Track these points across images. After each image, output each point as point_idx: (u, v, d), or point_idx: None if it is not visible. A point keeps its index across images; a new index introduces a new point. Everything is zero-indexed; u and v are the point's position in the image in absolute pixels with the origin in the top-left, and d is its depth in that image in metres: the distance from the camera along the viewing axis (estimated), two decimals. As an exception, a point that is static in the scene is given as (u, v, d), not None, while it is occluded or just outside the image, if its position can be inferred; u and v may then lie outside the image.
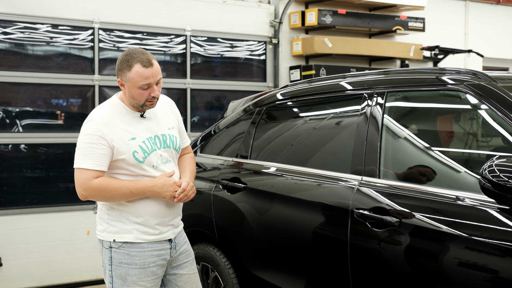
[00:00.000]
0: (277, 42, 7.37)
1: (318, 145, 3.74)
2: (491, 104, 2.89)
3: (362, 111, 3.39)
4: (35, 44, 6.13)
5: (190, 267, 3.45)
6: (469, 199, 2.80)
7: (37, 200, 6.18)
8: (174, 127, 3.40)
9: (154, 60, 3.17)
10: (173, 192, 3.22)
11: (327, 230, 3.33)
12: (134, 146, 3.18)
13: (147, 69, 3.11)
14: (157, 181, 3.21)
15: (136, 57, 3.12)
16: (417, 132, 3.41)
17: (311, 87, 3.89)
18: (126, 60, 3.13)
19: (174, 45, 6.81)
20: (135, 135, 3.21)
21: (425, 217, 2.89)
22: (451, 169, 3.19)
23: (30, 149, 6.17)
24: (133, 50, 3.17)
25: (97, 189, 3.14)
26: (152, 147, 3.23)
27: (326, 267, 3.30)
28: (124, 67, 3.13)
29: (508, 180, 2.54)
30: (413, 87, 3.28)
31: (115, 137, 3.15)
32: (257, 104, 4.22)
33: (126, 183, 3.17)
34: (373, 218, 3.07)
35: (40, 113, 6.24)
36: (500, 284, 2.61)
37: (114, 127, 3.17)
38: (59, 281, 6.24)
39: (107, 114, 3.20)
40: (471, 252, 2.71)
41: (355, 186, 3.23)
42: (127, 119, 3.23)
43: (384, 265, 3.03)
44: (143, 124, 3.27)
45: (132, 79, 3.12)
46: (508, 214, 2.63)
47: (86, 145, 3.16)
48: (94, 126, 3.15)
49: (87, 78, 6.34)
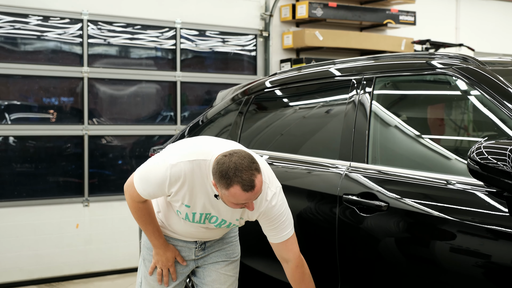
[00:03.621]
0: (268, 35, 7.34)
1: (307, 133, 3.71)
2: (480, 87, 2.87)
3: (351, 98, 3.37)
4: (24, 36, 6.08)
5: (226, 267, 3.26)
6: (458, 183, 2.78)
7: (26, 193, 6.14)
8: (244, 218, 3.05)
9: (257, 179, 2.70)
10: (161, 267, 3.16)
11: (316, 216, 3.31)
12: (182, 209, 2.96)
13: (248, 194, 2.69)
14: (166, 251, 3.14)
15: (238, 177, 2.66)
16: (405, 118, 3.38)
17: (300, 74, 3.86)
18: (226, 176, 2.68)
19: (164, 38, 6.77)
20: (193, 205, 2.93)
21: (414, 202, 2.86)
22: (440, 155, 3.17)
23: (19, 142, 6.13)
24: (239, 162, 2.69)
25: (133, 210, 3.07)
26: (197, 220, 3.00)
27: (314, 254, 3.27)
28: (222, 182, 2.70)
29: (497, 162, 2.52)
30: (402, 72, 3.26)
31: (176, 194, 2.90)
32: (245, 92, 4.18)
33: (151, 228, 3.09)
34: (361, 203, 3.04)
35: (29, 106, 6.19)
36: (492, 269, 2.59)
37: (183, 190, 2.87)
38: (48, 274, 6.21)
39: (187, 176, 2.83)
40: (461, 237, 2.68)
41: (343, 172, 3.21)
42: (201, 189, 2.88)
43: (372, 251, 3.00)
44: (212, 202, 2.92)
45: (227, 197, 2.74)
46: (497, 197, 2.60)
47: (150, 177, 2.90)
48: (167, 177, 2.84)
49: (76, 70, 6.30)
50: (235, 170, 2.68)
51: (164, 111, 6.86)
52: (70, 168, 6.37)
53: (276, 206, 2.94)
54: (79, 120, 6.35)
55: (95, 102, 6.46)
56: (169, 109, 6.87)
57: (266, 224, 2.99)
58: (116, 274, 6.50)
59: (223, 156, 2.74)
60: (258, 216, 2.98)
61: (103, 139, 6.55)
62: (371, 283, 3.05)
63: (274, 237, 3.01)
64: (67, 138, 6.35)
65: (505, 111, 2.74)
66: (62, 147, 6.33)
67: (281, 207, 2.96)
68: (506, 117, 2.74)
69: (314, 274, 3.13)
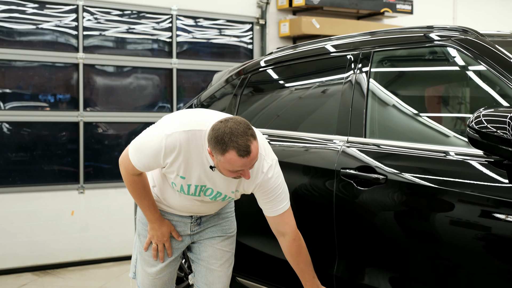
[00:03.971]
0: (264, 23, 7.30)
1: (305, 110, 3.68)
2: (481, 59, 2.82)
3: (348, 74, 3.33)
4: (19, 22, 6.03)
5: (222, 243, 3.22)
6: (458, 154, 2.75)
7: (21, 180, 6.09)
8: (240, 191, 3.00)
9: (253, 145, 2.65)
10: (157, 242, 3.13)
11: (314, 192, 3.27)
12: (177, 181, 2.92)
13: (244, 159, 2.65)
14: (161, 226, 3.11)
15: (233, 142, 2.62)
16: (403, 92, 3.35)
17: (296, 52, 3.82)
18: (221, 141, 2.63)
19: (161, 29, 6.72)
20: (188, 176, 2.89)
21: (412, 174, 2.83)
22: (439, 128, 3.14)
23: (14, 128, 6.08)
24: (234, 127, 2.65)
25: (128, 183, 3.02)
26: (192, 192, 2.96)
27: (311, 230, 3.24)
28: (218, 148, 2.65)
29: (496, 130, 2.48)
30: (399, 45, 3.22)
31: (172, 165, 2.85)
32: (239, 73, 4.14)
33: (147, 202, 3.05)
34: (359, 177, 3.01)
35: (24, 94, 6.14)
36: (492, 241, 2.56)
37: (178, 160, 2.82)
38: (43, 261, 6.16)
39: (183, 146, 2.78)
40: (461, 208, 2.64)
41: (341, 146, 3.17)
42: (197, 160, 2.85)
43: (371, 224, 2.97)
44: (207, 174, 2.88)
45: (222, 163, 2.69)
46: (497, 167, 2.57)
47: (145, 148, 2.85)
48: (163, 148, 2.79)
49: (72, 56, 6.25)
50: (231, 135, 2.63)
51: (160, 99, 6.81)
52: (65, 155, 6.33)
53: (273, 179, 2.90)
54: (74, 107, 6.31)
55: (90, 89, 6.41)
56: (165, 98, 6.83)
57: (262, 197, 2.95)
58: (112, 261, 6.46)
59: (219, 122, 2.70)
60: (254, 189, 2.94)
61: (99, 128, 6.51)
62: (368, 257, 3.02)
63: (270, 210, 2.97)
64: (63, 125, 6.30)
65: (507, 82, 2.69)
66: (57, 135, 6.28)
67: (277, 180, 2.93)
68: (509, 89, 2.69)
69: (311, 250, 3.09)
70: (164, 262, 3.18)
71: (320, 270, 3.14)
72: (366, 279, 2.99)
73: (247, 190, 2.97)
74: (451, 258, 2.69)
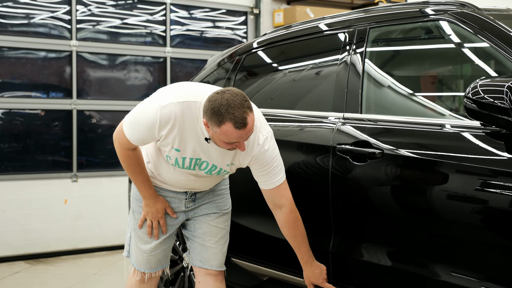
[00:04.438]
0: (259, 13, 7.28)
1: (301, 90, 3.65)
2: (479, 32, 2.79)
3: (343, 52, 3.30)
4: (11, 12, 5.99)
5: (218, 219, 3.20)
6: (454, 126, 2.73)
7: (13, 168, 6.05)
8: (235, 164, 2.98)
9: (249, 117, 2.63)
10: (151, 219, 3.10)
11: (310, 169, 3.24)
12: (172, 154, 2.89)
13: (240, 131, 2.62)
14: (156, 202, 3.08)
15: (230, 113, 2.59)
16: (399, 69, 3.33)
17: (289, 31, 3.79)
18: (218, 113, 2.60)
19: (154, 18, 6.70)
20: (183, 149, 2.86)
21: (408, 147, 2.81)
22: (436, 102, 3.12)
23: (7, 116, 6.04)
24: (231, 99, 2.61)
25: (123, 158, 2.99)
26: (187, 166, 2.93)
27: (307, 206, 3.21)
28: (214, 119, 2.62)
29: (494, 100, 2.46)
30: (395, 21, 3.20)
31: (166, 137, 2.83)
32: (232, 55, 4.11)
33: (141, 177, 3.02)
34: (354, 152, 2.99)
35: (18, 83, 6.10)
36: (489, 214, 2.54)
37: (173, 132, 2.79)
38: (35, 250, 6.12)
39: (177, 117, 2.76)
40: (457, 181, 2.62)
41: (337, 122, 3.15)
42: (191, 132, 2.82)
43: (367, 199, 2.95)
44: (202, 147, 2.86)
45: (218, 135, 2.66)
46: (494, 138, 2.54)
47: (140, 121, 2.82)
48: (157, 119, 2.76)
49: (65, 44, 6.22)
50: (228, 107, 2.60)
51: (154, 88, 6.77)
52: (58, 143, 6.29)
53: (269, 151, 2.89)
54: (67, 95, 6.27)
55: (83, 77, 6.37)
56: (159, 87, 6.78)
57: (259, 169, 2.93)
58: (106, 251, 6.42)
59: (215, 93, 2.68)
60: (250, 162, 2.92)
61: (93, 119, 6.47)
62: (363, 232, 3.00)
63: (267, 183, 2.95)
64: (56, 114, 6.26)
65: (506, 55, 2.66)
66: (51, 124, 6.24)
67: (273, 152, 2.92)
68: (509, 63, 2.67)
69: (307, 228, 3.07)
70: (159, 239, 3.16)
71: (316, 247, 3.12)
72: (362, 255, 2.97)
73: (243, 163, 2.95)
74: (448, 231, 2.67)
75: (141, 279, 3.23)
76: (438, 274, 2.67)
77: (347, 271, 3.07)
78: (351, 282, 3.05)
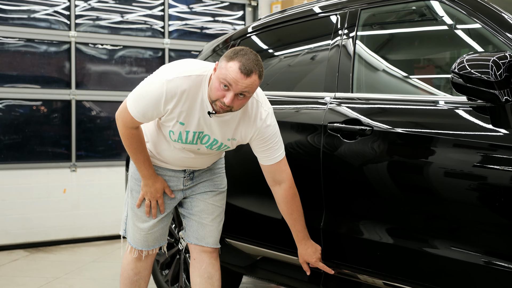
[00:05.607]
0: (256, 5, 7.32)
1: (295, 73, 3.70)
2: (470, 12, 2.82)
3: (335, 34, 3.35)
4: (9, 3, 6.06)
5: (214, 197, 3.26)
6: (441, 102, 2.78)
7: (12, 157, 6.10)
8: (237, 139, 3.05)
9: (255, 75, 2.74)
10: (150, 198, 3.15)
11: (301, 148, 3.29)
12: (176, 128, 2.95)
13: (240, 75, 2.71)
14: (155, 182, 3.13)
15: (242, 57, 2.74)
16: (390, 50, 3.37)
17: (284, 15, 3.84)
18: (233, 52, 2.76)
19: (152, 12, 6.74)
20: (187, 122, 2.92)
21: (397, 124, 2.85)
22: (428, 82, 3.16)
23: (6, 106, 6.08)
24: (250, 53, 2.77)
25: (125, 137, 3.03)
26: (190, 140, 2.99)
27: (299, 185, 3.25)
28: (227, 56, 2.76)
29: (480, 74, 2.50)
30: (386, 2, 3.23)
31: (172, 111, 2.89)
32: (227, 40, 4.15)
33: (142, 157, 3.07)
34: (345, 129, 3.03)
35: (17, 75, 6.15)
36: (485, 191, 2.56)
37: (179, 106, 2.86)
38: (34, 239, 6.17)
39: (184, 91, 2.84)
40: (445, 155, 2.66)
41: (328, 102, 3.20)
42: (196, 105, 2.89)
43: (358, 177, 2.99)
44: (206, 120, 2.92)
45: (221, 69, 2.75)
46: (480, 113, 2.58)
47: (145, 96, 2.87)
48: (164, 93, 2.82)
49: (63, 35, 6.26)
50: (244, 55, 2.75)
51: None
52: (57, 133, 6.33)
53: (271, 127, 2.98)
54: (66, 86, 6.32)
55: (82, 68, 6.42)
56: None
57: (260, 145, 3.01)
58: (104, 240, 6.47)
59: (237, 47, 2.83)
60: (252, 137, 3.00)
61: (92, 111, 6.52)
62: (354, 208, 3.04)
63: (268, 158, 3.03)
64: (55, 104, 6.31)
65: (501, 38, 2.67)
66: (50, 116, 6.29)
67: (274, 128, 3.01)
68: (501, 43, 2.68)
69: (299, 205, 3.12)
70: (157, 218, 3.20)
71: (308, 224, 3.16)
72: (352, 231, 3.01)
73: (245, 138, 3.02)
74: (438, 206, 2.70)
75: (138, 256, 3.27)
76: (431, 248, 2.71)
77: (338, 247, 3.11)
78: (342, 257, 3.09)
